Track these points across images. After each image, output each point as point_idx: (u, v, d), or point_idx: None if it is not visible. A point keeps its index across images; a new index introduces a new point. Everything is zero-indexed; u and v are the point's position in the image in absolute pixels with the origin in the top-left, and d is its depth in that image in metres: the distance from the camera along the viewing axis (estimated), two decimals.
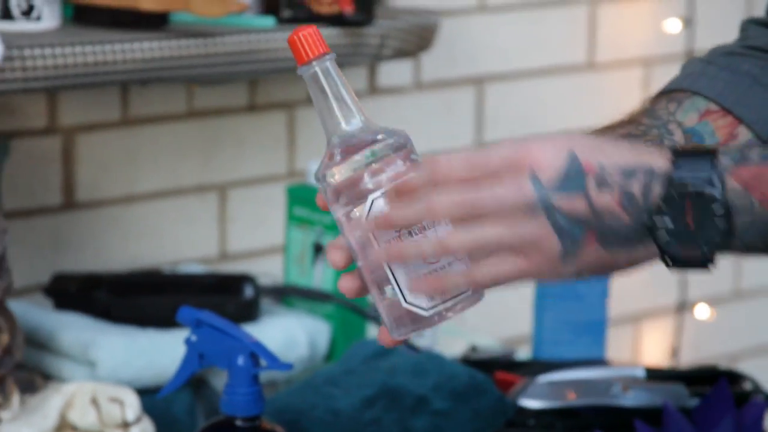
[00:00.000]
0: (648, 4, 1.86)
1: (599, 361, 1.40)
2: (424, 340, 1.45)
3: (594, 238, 0.83)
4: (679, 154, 0.84)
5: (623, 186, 0.83)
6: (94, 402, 1.21)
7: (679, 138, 1.00)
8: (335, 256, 0.89)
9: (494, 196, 0.82)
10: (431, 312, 0.88)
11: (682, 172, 0.83)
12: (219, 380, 1.31)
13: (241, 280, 1.39)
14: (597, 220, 0.83)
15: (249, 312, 1.37)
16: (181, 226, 1.56)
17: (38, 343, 1.31)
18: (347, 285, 0.90)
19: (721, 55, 1.07)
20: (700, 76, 1.05)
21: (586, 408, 1.23)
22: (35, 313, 1.34)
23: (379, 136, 0.88)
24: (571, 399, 1.24)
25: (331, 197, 0.89)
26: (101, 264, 1.50)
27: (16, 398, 1.20)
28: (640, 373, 1.28)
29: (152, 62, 1.29)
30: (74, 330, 1.31)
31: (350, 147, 0.88)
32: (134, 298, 1.37)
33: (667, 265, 0.84)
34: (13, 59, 1.22)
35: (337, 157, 0.88)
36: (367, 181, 0.87)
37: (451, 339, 1.51)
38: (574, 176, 0.82)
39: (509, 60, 1.77)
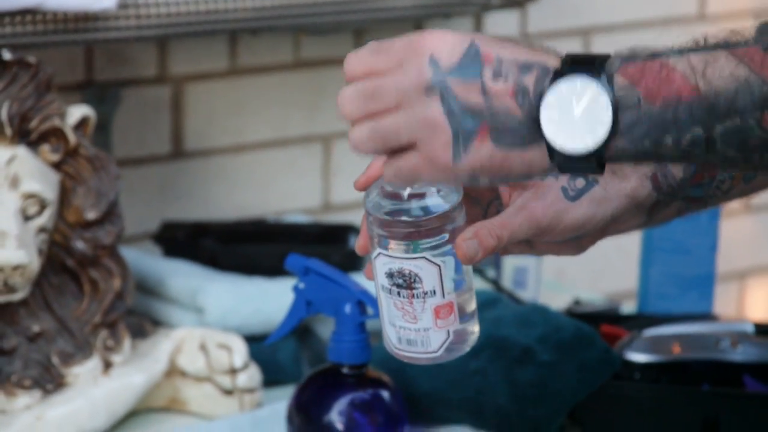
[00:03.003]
0: None
1: (706, 316, 1.38)
2: (527, 292, 1.45)
3: (486, 133, 0.84)
4: (574, 55, 0.85)
5: (518, 79, 0.84)
6: (203, 348, 1.23)
7: None
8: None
9: (394, 81, 0.84)
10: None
11: (573, 68, 0.83)
12: (324, 328, 1.32)
13: (346, 230, 1.40)
14: (490, 112, 0.83)
15: (353, 261, 1.38)
16: (286, 177, 1.57)
17: (147, 289, 1.33)
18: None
19: None
20: None
21: (694, 362, 1.22)
22: (144, 259, 1.36)
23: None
24: (678, 353, 1.23)
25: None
26: (208, 213, 1.52)
27: (127, 343, 1.22)
28: (749, 328, 1.26)
29: (262, 11, 1.30)
30: (182, 277, 1.33)
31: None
32: (240, 246, 1.39)
33: (560, 168, 0.84)
34: (127, 7, 1.24)
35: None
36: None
37: (554, 293, 1.50)
38: (471, 63, 0.83)
39: (617, 11, 1.75)
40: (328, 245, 1.39)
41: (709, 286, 1.41)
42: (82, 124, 1.21)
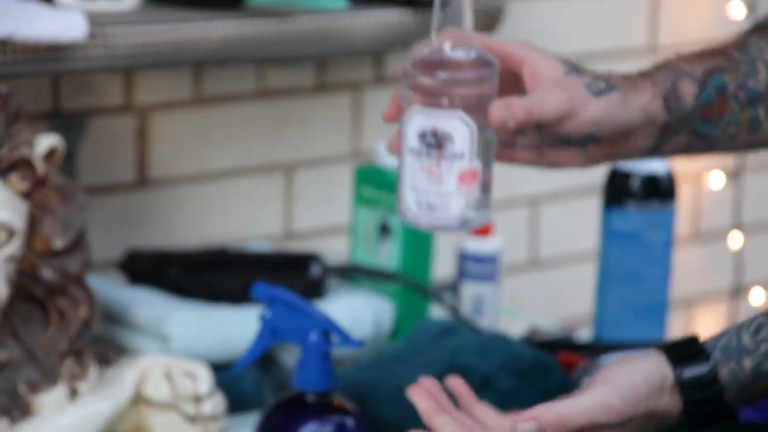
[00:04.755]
0: None
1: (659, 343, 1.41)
2: (485, 319, 1.47)
3: None
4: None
5: None
6: (168, 376, 1.24)
7: (762, 77, 1.05)
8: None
9: None
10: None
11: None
12: (288, 356, 1.34)
13: (309, 258, 1.42)
14: None
15: (315, 290, 1.40)
16: (249, 205, 1.59)
17: (113, 317, 1.35)
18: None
19: None
20: None
21: None
22: (110, 288, 1.38)
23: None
24: None
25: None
26: (171, 240, 1.54)
27: (93, 371, 1.24)
28: None
29: (228, 42, 1.32)
30: (148, 305, 1.35)
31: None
32: (205, 274, 1.41)
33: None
34: (95, 37, 1.25)
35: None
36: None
37: (511, 320, 1.53)
38: None
39: (572, 42, 1.78)
40: (290, 273, 1.41)
41: (662, 313, 1.44)
42: (50, 153, 1.22)
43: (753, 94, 1.05)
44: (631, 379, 0.95)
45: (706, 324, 1.97)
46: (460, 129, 0.92)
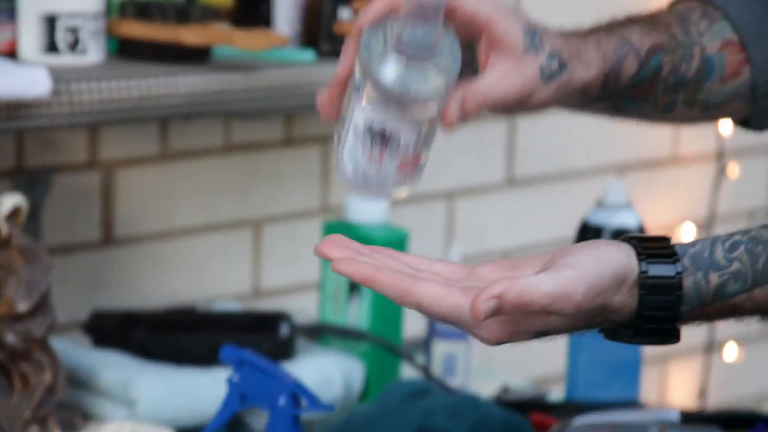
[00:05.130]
0: None
1: (633, 403, 1.40)
2: (456, 378, 1.46)
3: None
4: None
5: None
6: None
7: (695, 64, 1.05)
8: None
9: None
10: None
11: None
12: (256, 420, 1.32)
13: (277, 318, 1.40)
14: None
15: (284, 350, 1.38)
16: (217, 262, 1.57)
17: (78, 381, 1.32)
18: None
19: None
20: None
21: None
22: (74, 350, 1.35)
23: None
24: None
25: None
26: (138, 300, 1.51)
27: None
28: (675, 416, 1.28)
29: (195, 96, 1.31)
30: (113, 368, 1.32)
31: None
32: (172, 336, 1.38)
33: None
34: (60, 93, 1.24)
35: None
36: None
37: (483, 379, 1.51)
38: None
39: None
40: (259, 333, 1.39)
41: (635, 372, 1.43)
42: (14, 213, 1.20)
43: (681, 79, 1.05)
44: (600, 270, 0.87)
45: (680, 380, 1.96)
46: (409, 131, 0.91)
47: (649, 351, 1.83)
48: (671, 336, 0.90)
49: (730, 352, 1.95)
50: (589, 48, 1.02)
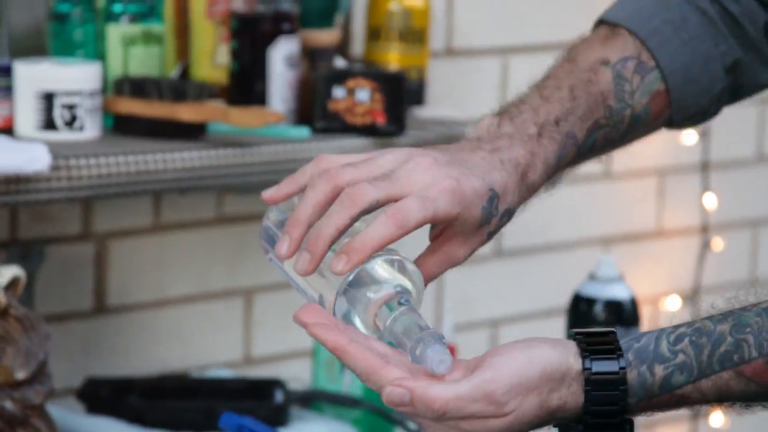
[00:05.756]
0: None
1: None
2: None
3: None
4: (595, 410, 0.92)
5: None
6: None
7: (624, 126, 1.08)
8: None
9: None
10: None
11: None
12: None
13: (271, 384, 1.41)
14: None
15: (279, 417, 1.39)
16: (209, 331, 1.58)
17: None
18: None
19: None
20: (668, 40, 1.10)
21: None
22: (70, 417, 1.36)
23: None
24: None
25: None
26: (131, 367, 1.52)
27: None
28: None
29: (191, 171, 1.32)
30: None
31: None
32: (166, 402, 1.39)
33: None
34: (59, 168, 1.25)
35: None
36: None
37: None
38: None
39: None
40: (253, 400, 1.39)
41: None
42: (12, 284, 1.22)
43: (609, 142, 1.09)
44: (525, 371, 0.89)
45: None
46: None
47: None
48: (622, 429, 0.92)
49: (717, 419, 1.96)
50: (537, 167, 1.03)
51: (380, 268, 0.91)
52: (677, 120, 1.11)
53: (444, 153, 0.99)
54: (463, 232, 0.99)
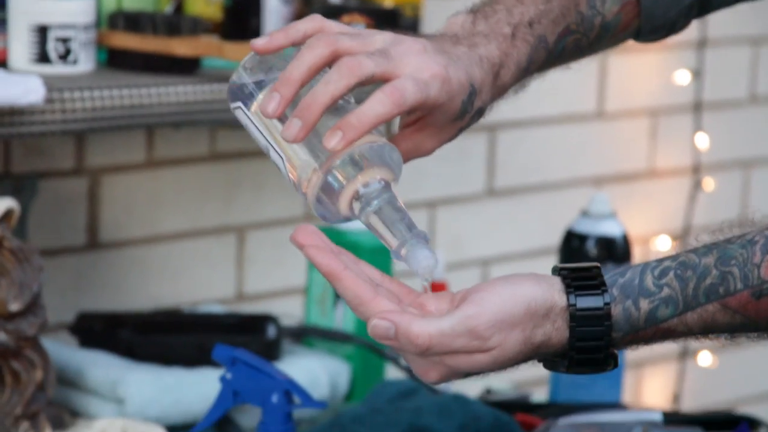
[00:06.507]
0: (658, 56, 1.90)
1: (616, 405, 1.42)
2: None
3: None
4: (581, 346, 0.92)
5: None
6: None
7: (594, 33, 1.07)
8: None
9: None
10: None
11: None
12: (244, 418, 1.33)
13: (264, 320, 1.41)
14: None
15: (271, 352, 1.39)
16: (201, 267, 1.58)
17: (66, 380, 1.33)
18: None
19: None
20: None
21: None
22: (62, 350, 1.36)
23: None
24: None
25: None
26: (123, 303, 1.52)
27: None
28: (658, 417, 1.30)
29: (185, 105, 1.32)
30: (101, 368, 1.33)
31: None
32: (158, 337, 1.39)
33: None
34: (53, 101, 1.25)
35: None
36: None
37: (465, 383, 1.53)
38: None
39: (521, 108, 1.80)
40: (245, 335, 1.40)
41: (618, 375, 1.45)
42: (6, 216, 1.21)
43: (579, 49, 1.08)
44: (508, 306, 0.89)
45: (655, 386, 1.98)
46: None
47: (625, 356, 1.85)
48: (606, 364, 0.92)
49: (705, 358, 1.97)
50: (510, 67, 1.03)
51: (367, 152, 0.90)
52: (645, 31, 1.10)
53: (431, 41, 0.97)
54: (436, 124, 0.98)
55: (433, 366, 0.90)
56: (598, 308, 0.90)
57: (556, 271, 0.92)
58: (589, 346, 0.90)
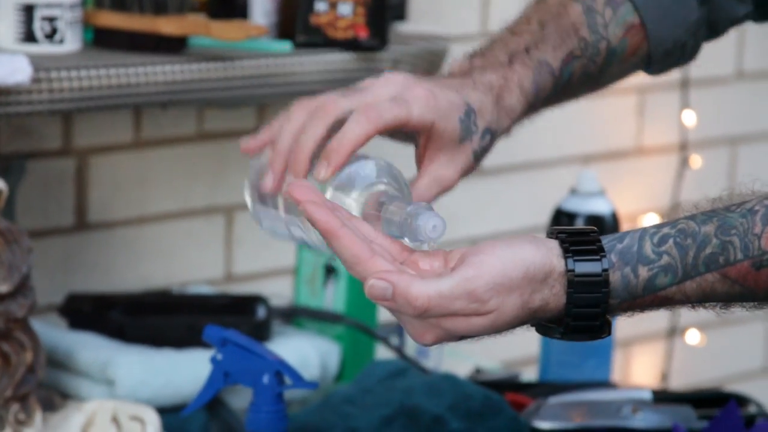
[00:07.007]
0: None
1: (605, 383, 1.42)
2: (430, 361, 1.47)
3: None
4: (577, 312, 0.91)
5: None
6: (115, 420, 1.22)
7: (601, 59, 1.09)
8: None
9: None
10: None
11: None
12: (235, 399, 1.33)
13: (254, 300, 1.41)
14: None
15: (261, 333, 1.39)
16: (190, 248, 1.58)
17: (56, 362, 1.33)
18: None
19: None
20: None
21: (598, 429, 1.26)
22: (51, 332, 1.36)
23: None
24: (583, 420, 1.27)
25: None
26: (111, 284, 1.52)
27: (38, 416, 1.22)
28: (647, 395, 1.31)
29: (173, 85, 1.32)
30: (91, 349, 1.33)
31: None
32: (148, 318, 1.39)
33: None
34: (40, 81, 1.24)
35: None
36: None
37: (455, 361, 1.53)
38: None
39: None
40: (235, 316, 1.40)
41: (608, 354, 1.45)
42: None
43: (588, 76, 1.10)
44: (507, 270, 0.87)
45: (643, 364, 1.98)
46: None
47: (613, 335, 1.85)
48: (601, 331, 0.91)
49: (693, 336, 1.98)
50: (513, 90, 1.05)
51: (362, 168, 0.91)
52: (656, 56, 1.11)
53: (416, 76, 1.00)
54: (443, 148, 0.99)
55: (430, 328, 0.89)
56: (597, 274, 0.89)
57: (553, 233, 0.91)
58: (586, 313, 0.90)
